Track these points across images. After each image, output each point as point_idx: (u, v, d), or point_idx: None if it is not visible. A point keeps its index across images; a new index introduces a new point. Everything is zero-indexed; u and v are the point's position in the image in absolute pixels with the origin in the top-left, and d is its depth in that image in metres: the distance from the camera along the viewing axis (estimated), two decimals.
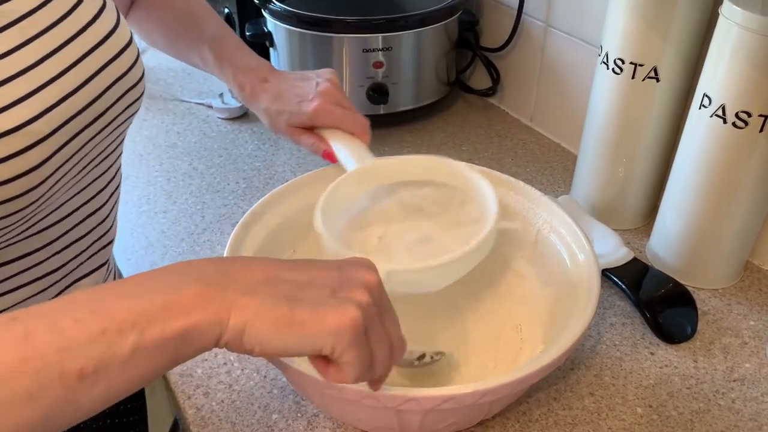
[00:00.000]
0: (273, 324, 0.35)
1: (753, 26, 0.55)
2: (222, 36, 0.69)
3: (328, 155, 0.62)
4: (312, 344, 0.36)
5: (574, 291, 0.54)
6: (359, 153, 0.61)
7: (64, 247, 0.51)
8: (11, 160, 0.39)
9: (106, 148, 0.50)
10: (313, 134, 0.64)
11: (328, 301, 0.37)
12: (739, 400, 0.57)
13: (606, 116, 0.72)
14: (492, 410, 0.51)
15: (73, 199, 0.49)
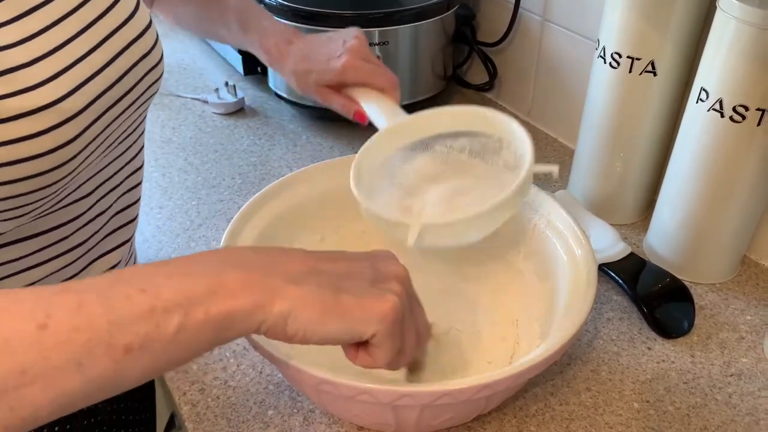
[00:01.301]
0: (319, 311, 0.37)
1: (751, 19, 0.55)
2: (246, 6, 0.70)
3: (359, 115, 0.62)
4: (354, 331, 0.39)
5: (571, 286, 0.54)
6: (391, 110, 0.60)
7: (89, 221, 0.52)
8: (44, 136, 0.41)
9: (129, 126, 0.52)
10: (342, 95, 0.63)
11: (370, 291, 0.39)
12: (735, 394, 0.57)
13: (603, 111, 0.71)
14: (489, 405, 0.51)
15: (98, 174, 0.50)
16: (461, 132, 0.59)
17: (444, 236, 0.50)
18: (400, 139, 0.59)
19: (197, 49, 1.21)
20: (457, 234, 0.50)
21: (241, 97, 1.00)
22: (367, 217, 0.53)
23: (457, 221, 0.50)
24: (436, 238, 0.50)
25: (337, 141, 0.93)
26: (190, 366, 0.59)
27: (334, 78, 0.62)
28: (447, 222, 0.50)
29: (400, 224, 0.51)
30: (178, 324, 0.33)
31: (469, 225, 0.50)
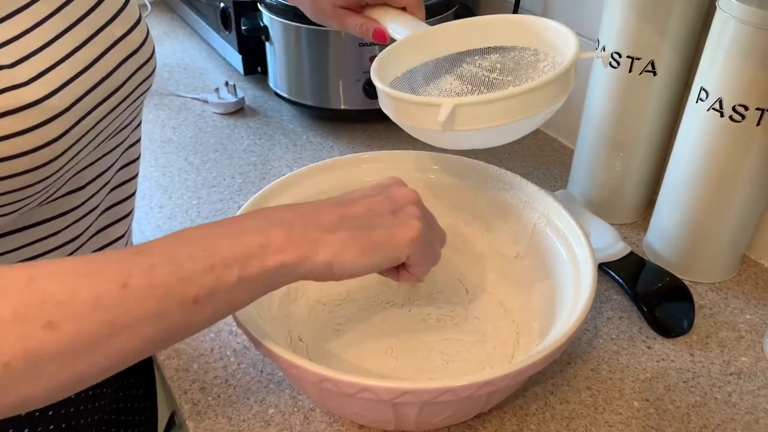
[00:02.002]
0: (357, 251, 0.43)
1: (750, 19, 0.55)
2: None
3: (380, 34, 0.59)
4: (393, 258, 0.45)
5: (571, 285, 0.54)
6: (414, 26, 0.57)
7: (81, 216, 0.52)
8: (28, 134, 0.41)
9: (123, 121, 0.52)
10: (360, 15, 0.61)
11: (394, 222, 0.45)
12: (735, 393, 0.57)
13: (603, 110, 0.71)
14: (489, 403, 0.51)
15: (90, 168, 0.50)
16: (492, 48, 0.55)
17: (477, 120, 0.46)
18: (424, 53, 0.55)
19: (197, 48, 1.21)
20: (491, 117, 0.46)
21: (241, 97, 1.00)
22: (392, 108, 0.50)
23: (493, 99, 0.46)
24: (469, 121, 0.46)
25: (338, 140, 0.93)
26: (191, 365, 0.59)
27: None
28: (482, 100, 0.46)
29: (431, 105, 0.47)
30: (237, 277, 0.38)
31: (504, 108, 0.46)
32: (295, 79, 0.93)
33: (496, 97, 0.46)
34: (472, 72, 0.55)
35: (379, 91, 0.53)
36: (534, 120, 0.49)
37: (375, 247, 0.44)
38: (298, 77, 0.93)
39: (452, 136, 0.49)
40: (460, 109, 0.46)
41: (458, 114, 0.46)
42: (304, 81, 0.92)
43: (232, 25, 1.00)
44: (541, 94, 0.47)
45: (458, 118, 0.46)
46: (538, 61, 0.54)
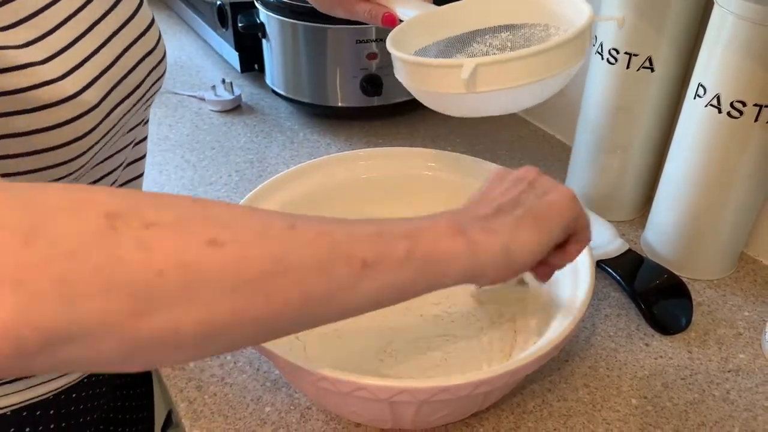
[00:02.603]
0: (532, 228, 0.40)
1: (748, 15, 0.54)
2: None
3: (389, 18, 0.59)
4: (567, 222, 0.42)
5: (569, 282, 0.54)
6: (425, 7, 0.57)
7: None
8: (65, 127, 0.42)
9: (136, 120, 0.53)
10: (368, 1, 0.61)
11: (541, 192, 0.43)
12: (733, 390, 0.57)
13: (600, 107, 0.71)
14: (486, 402, 0.51)
15: (99, 166, 0.51)
16: (503, 26, 0.56)
17: (497, 80, 0.46)
18: (435, 32, 0.55)
19: (194, 46, 1.20)
20: (511, 77, 0.46)
21: (238, 95, 1.00)
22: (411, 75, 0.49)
23: (513, 57, 0.46)
24: (489, 81, 0.46)
25: (335, 138, 0.93)
26: (187, 363, 0.59)
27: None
28: (502, 58, 0.46)
29: (453, 66, 0.47)
30: (406, 249, 0.35)
31: (524, 68, 0.46)
32: (292, 77, 0.93)
33: (515, 56, 0.47)
34: (483, 51, 0.55)
35: (396, 61, 0.52)
36: (551, 83, 0.50)
37: (545, 218, 0.41)
38: (295, 74, 0.92)
39: (471, 100, 0.49)
40: (481, 68, 0.46)
41: (479, 74, 0.46)
42: (301, 78, 0.92)
43: (229, 23, 1.00)
44: (558, 54, 0.48)
45: (479, 79, 0.46)
46: (548, 36, 0.54)
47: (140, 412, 0.71)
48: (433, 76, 0.50)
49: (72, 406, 0.57)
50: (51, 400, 0.54)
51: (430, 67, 0.50)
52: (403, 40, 0.55)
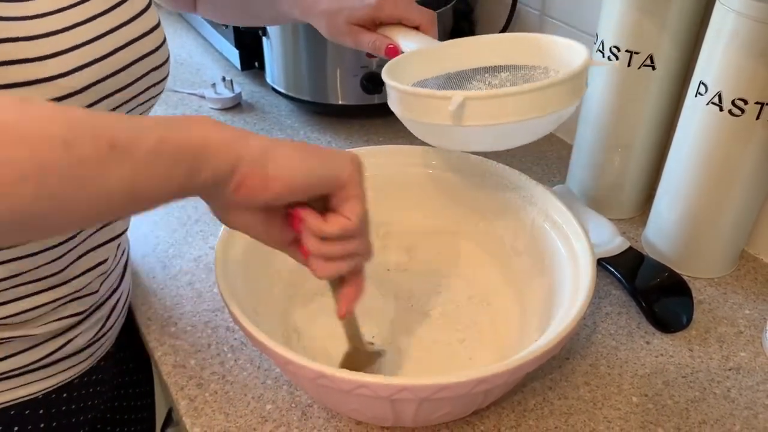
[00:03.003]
0: (297, 152, 0.38)
1: (750, 13, 0.54)
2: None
3: (392, 50, 0.60)
4: (336, 169, 0.39)
5: (570, 280, 0.54)
6: (427, 43, 0.58)
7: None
8: None
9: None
10: (374, 32, 0.62)
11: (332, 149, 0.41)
12: (734, 388, 0.57)
13: (601, 105, 0.71)
14: (487, 399, 0.51)
15: None
16: (503, 66, 0.56)
17: (487, 115, 0.46)
18: (434, 66, 0.56)
19: (194, 44, 1.20)
20: (501, 114, 0.46)
21: (238, 92, 1.00)
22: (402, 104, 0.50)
23: (504, 94, 0.47)
24: (479, 116, 0.46)
25: (335, 136, 0.93)
26: (188, 361, 0.59)
27: (368, 14, 0.61)
28: (493, 94, 0.47)
29: (441, 98, 0.47)
30: (157, 138, 0.34)
31: (516, 105, 0.46)
32: (292, 75, 0.93)
33: (507, 92, 0.47)
34: (481, 89, 0.56)
35: (388, 89, 0.53)
36: (541, 124, 0.50)
37: (315, 151, 0.39)
38: (296, 72, 0.92)
39: (459, 134, 0.49)
40: (470, 102, 0.46)
41: (468, 108, 0.46)
42: (302, 76, 0.92)
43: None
44: (552, 94, 0.47)
45: (468, 113, 0.46)
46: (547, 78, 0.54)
47: (141, 411, 0.71)
48: (423, 106, 0.50)
49: (63, 405, 0.56)
50: (40, 399, 0.54)
51: (420, 96, 0.50)
52: (400, 71, 0.55)
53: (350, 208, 0.41)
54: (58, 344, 0.54)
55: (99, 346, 0.59)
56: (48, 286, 0.51)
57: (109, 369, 0.62)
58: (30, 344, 0.52)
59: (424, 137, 0.55)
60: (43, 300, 0.51)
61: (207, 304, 0.65)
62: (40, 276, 0.50)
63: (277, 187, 0.38)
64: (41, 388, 0.54)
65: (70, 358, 0.56)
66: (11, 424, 0.53)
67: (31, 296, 0.50)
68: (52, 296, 0.51)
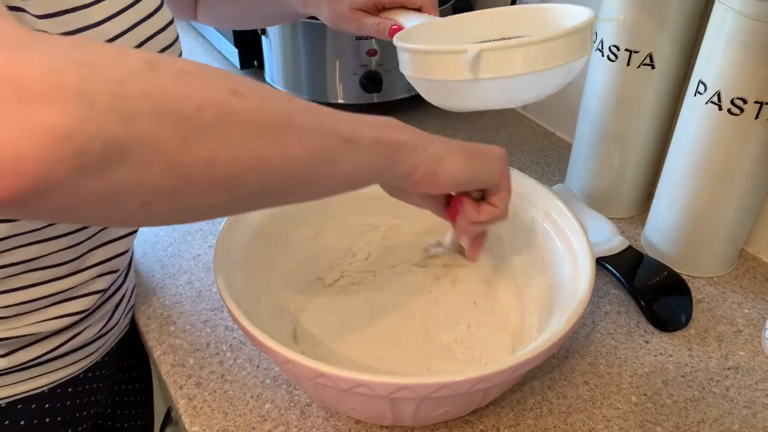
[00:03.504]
0: (463, 156, 0.45)
1: (749, 11, 0.54)
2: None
3: (397, 31, 0.61)
4: (492, 169, 0.47)
5: (569, 279, 0.54)
6: (431, 19, 0.59)
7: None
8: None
9: None
10: (377, 15, 0.63)
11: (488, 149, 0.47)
12: (733, 387, 0.57)
13: (601, 104, 0.71)
14: (486, 398, 0.51)
15: None
16: (506, 38, 0.57)
17: (501, 67, 0.48)
18: (439, 39, 0.57)
19: (193, 42, 1.20)
20: (514, 65, 0.48)
21: None
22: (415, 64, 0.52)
23: (516, 45, 0.48)
24: (493, 68, 0.48)
25: None
26: (187, 360, 0.59)
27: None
28: (506, 45, 0.48)
29: (457, 52, 0.49)
30: (375, 135, 0.41)
31: (526, 56, 0.48)
32: (291, 73, 0.93)
33: (519, 43, 0.48)
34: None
35: (400, 53, 0.54)
36: (553, 76, 0.51)
37: (476, 156, 0.46)
38: (295, 71, 0.92)
39: (475, 89, 0.50)
40: (485, 54, 0.47)
41: (483, 60, 0.47)
42: (301, 75, 0.92)
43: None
44: (560, 45, 0.49)
45: (483, 65, 0.47)
46: None
47: (140, 409, 0.71)
48: (438, 63, 0.51)
49: (68, 400, 0.57)
50: (46, 393, 0.54)
51: (435, 54, 0.51)
52: (408, 40, 0.56)
53: (499, 199, 0.49)
54: (65, 338, 0.54)
55: (104, 342, 0.59)
56: (61, 275, 0.51)
57: (111, 365, 0.62)
58: (37, 338, 0.52)
59: (436, 99, 0.55)
60: (55, 289, 0.51)
61: (206, 303, 0.65)
62: (55, 263, 0.50)
63: (445, 186, 0.46)
64: (48, 381, 0.54)
65: (76, 353, 0.56)
66: (18, 418, 0.53)
67: (44, 284, 0.50)
68: (65, 285, 0.51)
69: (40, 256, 0.49)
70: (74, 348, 0.55)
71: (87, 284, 0.53)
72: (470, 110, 0.58)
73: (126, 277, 0.60)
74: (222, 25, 0.83)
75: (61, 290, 0.51)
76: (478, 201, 0.49)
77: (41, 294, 0.50)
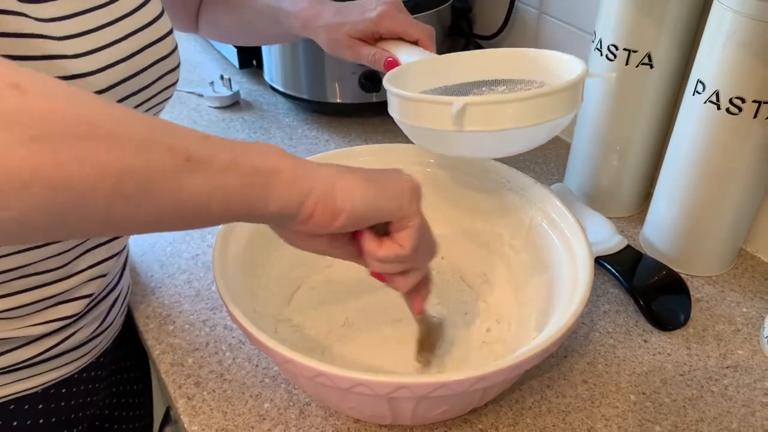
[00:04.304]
0: (362, 181, 0.40)
1: (747, 11, 0.54)
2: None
3: (392, 64, 0.61)
4: (396, 200, 0.41)
5: (568, 278, 0.54)
6: (427, 56, 0.60)
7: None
8: None
9: None
10: (373, 46, 0.64)
11: (391, 176, 0.42)
12: (731, 386, 0.57)
13: (599, 103, 0.71)
14: (485, 398, 0.51)
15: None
16: (500, 80, 0.57)
17: (486, 121, 0.48)
18: (433, 78, 0.57)
19: (192, 42, 1.20)
20: (501, 120, 0.48)
21: (236, 91, 1.00)
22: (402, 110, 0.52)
23: (504, 100, 0.48)
24: (478, 121, 0.48)
25: (334, 134, 0.93)
26: (186, 359, 0.59)
27: (369, 27, 0.62)
28: (493, 100, 0.48)
29: (442, 103, 0.49)
30: (231, 158, 0.35)
31: (515, 112, 0.48)
32: (290, 73, 0.93)
33: (507, 99, 0.48)
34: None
35: (389, 97, 0.54)
36: (540, 132, 0.51)
37: (381, 184, 0.41)
38: (294, 71, 0.92)
39: (460, 140, 0.50)
40: (471, 108, 0.47)
41: (468, 113, 0.47)
42: (300, 74, 0.92)
43: None
44: (549, 102, 0.49)
45: (468, 118, 0.47)
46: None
47: (138, 409, 0.71)
48: (425, 112, 0.51)
49: (63, 401, 0.56)
50: (40, 394, 0.54)
51: (422, 102, 0.51)
52: (400, 81, 0.56)
53: (404, 237, 0.43)
54: (58, 339, 0.54)
55: (98, 342, 0.59)
56: (49, 281, 0.51)
57: (107, 365, 0.62)
58: (29, 339, 0.52)
59: (424, 144, 0.56)
60: (43, 295, 0.51)
61: (205, 302, 0.65)
62: (43, 269, 0.50)
63: (343, 220, 0.39)
64: (41, 382, 0.54)
65: (69, 353, 0.56)
66: (11, 419, 0.53)
67: (32, 290, 0.50)
68: (52, 291, 0.51)
69: (30, 263, 0.49)
70: (68, 349, 0.55)
71: (76, 289, 0.53)
72: (456, 157, 0.58)
73: (120, 278, 0.60)
74: (222, 39, 0.83)
75: (50, 296, 0.51)
76: (380, 236, 0.44)
77: (29, 300, 0.50)
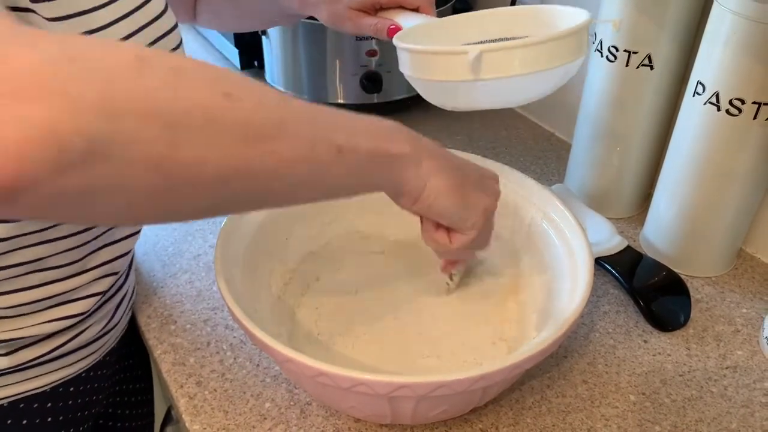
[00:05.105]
0: (448, 185, 0.45)
1: (747, 13, 0.55)
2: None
3: (395, 31, 0.61)
4: (470, 215, 0.48)
5: (568, 279, 0.54)
6: (429, 20, 0.60)
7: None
8: None
9: None
10: (374, 16, 0.64)
11: (482, 188, 0.49)
12: (731, 387, 0.57)
13: (600, 104, 0.71)
14: (485, 397, 0.51)
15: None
16: (506, 39, 0.58)
17: (501, 67, 0.49)
18: (437, 40, 0.58)
19: (193, 43, 1.20)
20: (514, 66, 0.49)
21: None
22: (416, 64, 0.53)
23: (516, 46, 0.49)
24: (494, 69, 0.49)
25: None
26: (187, 359, 0.59)
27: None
28: (506, 46, 0.49)
29: (458, 53, 0.50)
30: (371, 149, 0.41)
31: (527, 57, 0.49)
32: (292, 73, 0.93)
33: (520, 44, 0.49)
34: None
35: (400, 53, 0.54)
36: (552, 77, 0.51)
37: (465, 194, 0.47)
38: (295, 71, 0.92)
39: (475, 90, 0.51)
40: (486, 55, 0.48)
41: (484, 61, 0.48)
42: (301, 75, 0.92)
43: None
44: (560, 46, 0.50)
45: (484, 66, 0.48)
46: None
47: (140, 408, 0.71)
48: (439, 64, 0.52)
49: (70, 400, 0.57)
50: (48, 393, 0.55)
51: (437, 54, 0.52)
52: (407, 40, 0.56)
53: (457, 238, 0.49)
54: (66, 338, 0.54)
55: (105, 341, 0.59)
56: (63, 276, 0.51)
57: (112, 364, 0.62)
58: (38, 338, 0.52)
59: (434, 98, 0.56)
60: (56, 291, 0.51)
61: (206, 302, 0.65)
62: (58, 264, 0.50)
63: (417, 208, 0.46)
64: (49, 381, 0.55)
65: (77, 352, 0.56)
66: (20, 418, 0.53)
67: (45, 285, 0.50)
68: (64, 287, 0.52)
69: (45, 256, 0.49)
70: (75, 348, 0.55)
71: (87, 286, 0.54)
72: (468, 110, 0.58)
73: (127, 277, 0.61)
74: (221, 27, 0.83)
75: (62, 292, 0.52)
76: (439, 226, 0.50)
77: (43, 295, 0.51)
